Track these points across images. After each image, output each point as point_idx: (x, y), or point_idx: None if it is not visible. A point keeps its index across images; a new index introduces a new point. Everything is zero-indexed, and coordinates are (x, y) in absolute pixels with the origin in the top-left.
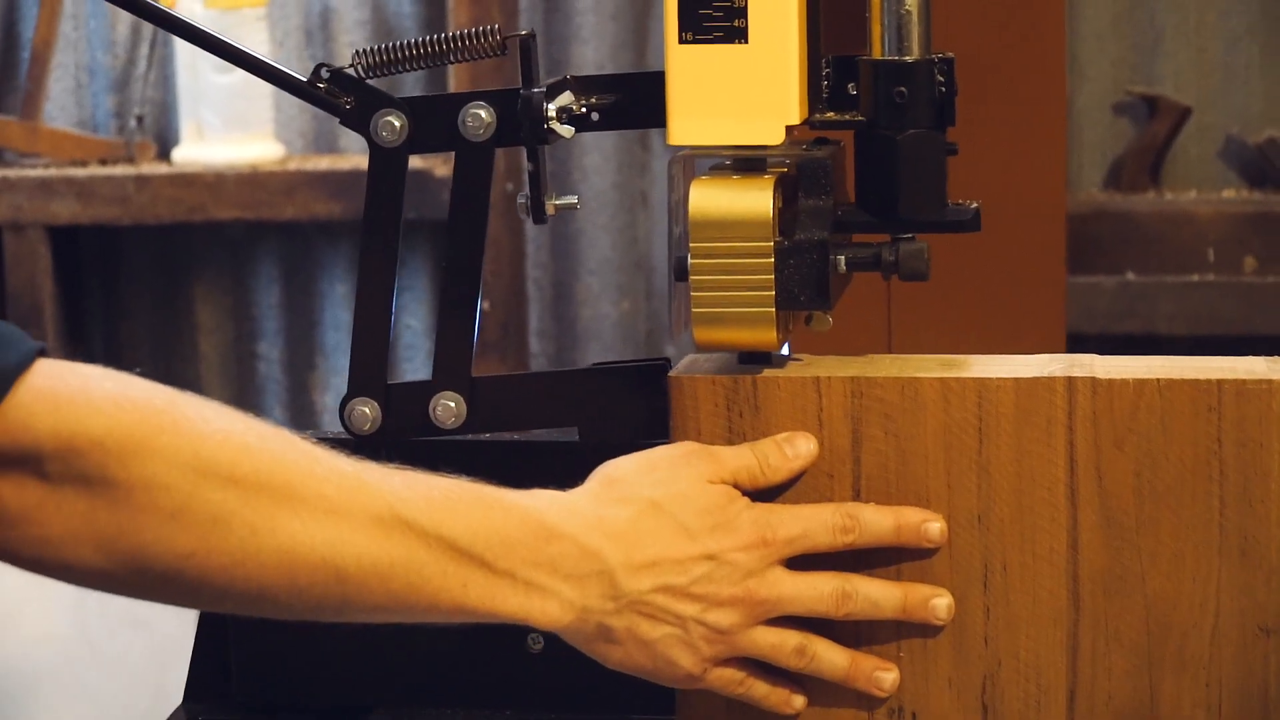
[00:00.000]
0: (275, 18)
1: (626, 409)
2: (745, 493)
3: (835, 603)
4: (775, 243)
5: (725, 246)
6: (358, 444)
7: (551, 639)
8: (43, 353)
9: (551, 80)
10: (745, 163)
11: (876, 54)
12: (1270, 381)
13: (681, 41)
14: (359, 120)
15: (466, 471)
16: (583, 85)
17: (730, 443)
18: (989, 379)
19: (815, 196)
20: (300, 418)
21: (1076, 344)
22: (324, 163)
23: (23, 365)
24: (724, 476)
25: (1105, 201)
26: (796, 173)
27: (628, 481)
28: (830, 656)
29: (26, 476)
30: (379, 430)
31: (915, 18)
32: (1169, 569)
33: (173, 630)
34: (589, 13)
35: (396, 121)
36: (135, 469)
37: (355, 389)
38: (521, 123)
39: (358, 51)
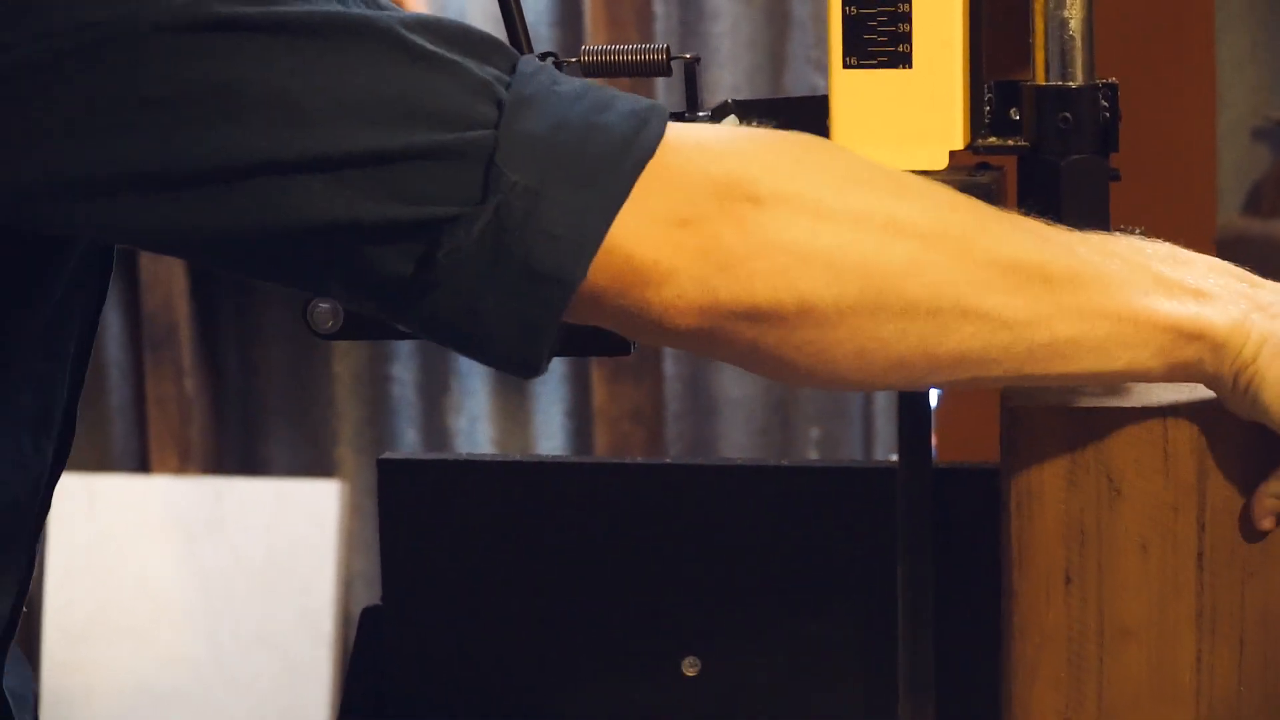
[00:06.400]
0: None
1: None
2: None
3: None
4: None
5: None
6: None
7: (708, 662)
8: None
9: (714, 104)
10: None
11: (1040, 79)
12: None
13: (846, 66)
14: None
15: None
16: (744, 109)
17: (1072, 476)
18: None
19: None
20: (433, 441)
21: None
22: None
23: (663, 120)
24: None
25: (1245, 227)
26: None
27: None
28: None
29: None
30: None
31: (1079, 43)
32: None
33: (304, 652)
34: (725, 37)
35: None
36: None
37: None
38: None
39: None
